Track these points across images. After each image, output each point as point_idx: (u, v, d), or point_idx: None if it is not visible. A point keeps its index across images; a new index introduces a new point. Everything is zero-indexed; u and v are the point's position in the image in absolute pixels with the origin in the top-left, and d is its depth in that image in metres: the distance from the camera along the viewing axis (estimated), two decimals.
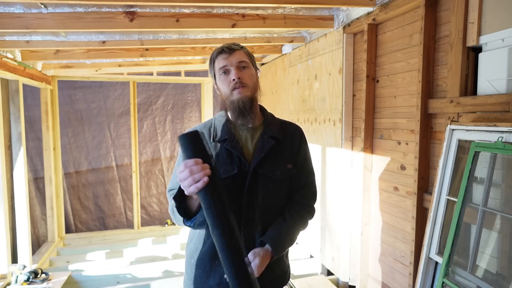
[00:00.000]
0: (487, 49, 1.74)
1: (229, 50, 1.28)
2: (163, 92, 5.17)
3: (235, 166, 1.25)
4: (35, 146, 4.59)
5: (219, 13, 2.59)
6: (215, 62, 1.30)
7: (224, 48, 1.28)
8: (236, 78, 1.25)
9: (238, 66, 1.27)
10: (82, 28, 2.39)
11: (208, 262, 1.30)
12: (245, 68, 1.29)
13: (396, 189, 2.40)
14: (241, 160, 1.26)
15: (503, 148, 1.50)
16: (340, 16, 2.81)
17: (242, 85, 1.26)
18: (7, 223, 3.16)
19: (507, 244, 1.54)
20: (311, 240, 3.57)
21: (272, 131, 1.33)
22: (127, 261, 3.86)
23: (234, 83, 1.26)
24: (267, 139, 1.30)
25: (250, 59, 1.33)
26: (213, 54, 1.32)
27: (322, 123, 3.26)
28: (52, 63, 3.88)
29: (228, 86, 1.27)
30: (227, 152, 1.27)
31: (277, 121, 1.41)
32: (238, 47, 1.30)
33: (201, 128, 1.34)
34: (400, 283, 2.38)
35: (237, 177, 1.25)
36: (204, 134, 1.09)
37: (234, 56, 1.27)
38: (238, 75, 1.26)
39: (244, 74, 1.28)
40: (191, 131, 1.00)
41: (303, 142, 1.44)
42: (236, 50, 1.29)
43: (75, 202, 4.88)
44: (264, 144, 1.29)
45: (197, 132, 0.98)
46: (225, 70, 1.28)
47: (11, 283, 3.06)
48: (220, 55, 1.28)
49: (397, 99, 2.38)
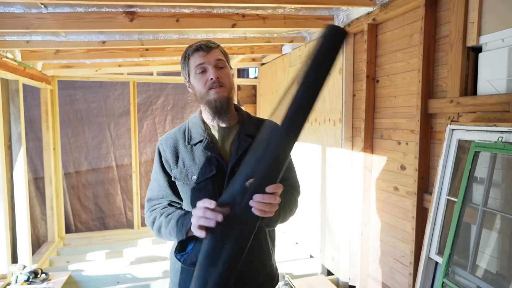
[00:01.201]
0: (487, 49, 1.74)
1: (207, 48, 1.24)
2: (163, 92, 5.17)
3: (213, 167, 1.23)
4: (35, 146, 4.58)
5: (219, 13, 2.59)
6: (190, 59, 1.26)
7: (202, 46, 1.24)
8: (215, 78, 1.22)
9: (216, 65, 1.24)
10: (82, 28, 2.39)
11: (191, 270, 1.23)
12: (223, 68, 1.26)
13: (396, 189, 2.40)
14: (218, 161, 1.24)
15: (503, 148, 1.50)
16: (340, 16, 2.81)
17: (220, 84, 1.23)
18: (7, 223, 3.16)
19: (507, 244, 1.54)
20: (311, 240, 3.57)
21: (247, 129, 1.30)
22: (127, 261, 3.85)
23: (211, 83, 1.22)
24: (243, 138, 1.27)
25: (226, 58, 1.30)
26: (188, 51, 1.27)
27: (322, 123, 3.26)
28: (52, 63, 3.87)
29: (205, 85, 1.24)
30: (203, 154, 1.25)
31: (253, 119, 1.38)
32: (215, 45, 1.27)
33: (175, 132, 1.33)
34: (400, 283, 2.37)
35: (216, 178, 1.24)
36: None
37: (211, 55, 1.24)
38: (217, 74, 1.23)
39: (222, 74, 1.25)
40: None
41: None
42: (214, 48, 1.26)
43: (75, 202, 4.88)
44: (240, 143, 1.26)
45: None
46: (202, 68, 1.24)
47: (11, 283, 3.06)
48: (197, 53, 1.24)
49: (397, 99, 2.38)
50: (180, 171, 1.26)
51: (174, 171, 1.27)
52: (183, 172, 1.26)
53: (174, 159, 1.28)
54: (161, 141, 1.33)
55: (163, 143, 1.31)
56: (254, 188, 0.93)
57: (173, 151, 1.28)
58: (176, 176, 1.27)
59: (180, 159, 1.27)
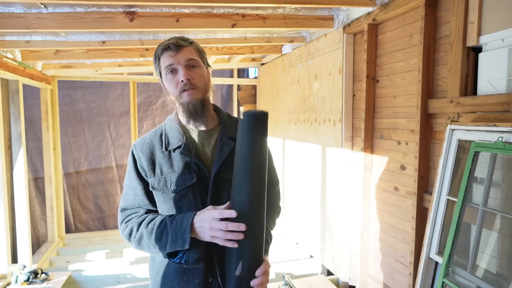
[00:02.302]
0: (487, 49, 1.74)
1: (176, 47, 1.14)
2: (163, 92, 5.15)
3: (193, 174, 1.15)
4: (35, 146, 4.59)
5: (219, 13, 2.59)
6: (161, 59, 1.17)
7: (170, 45, 1.14)
8: (185, 80, 1.13)
9: (187, 65, 1.15)
10: (82, 28, 2.39)
11: (176, 279, 1.18)
12: (195, 67, 1.17)
13: (396, 189, 2.40)
14: (199, 167, 1.16)
15: (503, 148, 1.50)
16: (340, 16, 2.81)
17: (192, 86, 1.15)
18: (7, 223, 3.16)
19: (507, 244, 1.54)
20: (311, 240, 3.57)
21: (230, 132, 1.22)
22: (127, 261, 3.85)
23: (182, 85, 1.14)
24: (226, 141, 1.19)
25: (201, 56, 1.20)
26: (157, 50, 1.17)
27: (322, 123, 3.26)
28: (52, 63, 3.88)
29: (176, 87, 1.15)
30: (182, 160, 1.16)
31: (234, 121, 1.29)
32: (186, 43, 1.17)
33: (150, 137, 1.23)
34: (400, 283, 2.37)
35: (197, 186, 1.15)
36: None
37: (182, 54, 1.14)
38: (187, 75, 1.14)
39: (194, 74, 1.16)
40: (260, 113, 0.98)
41: None
42: (184, 47, 1.15)
43: (75, 202, 4.88)
44: (223, 147, 1.18)
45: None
46: (172, 69, 1.15)
47: (11, 283, 3.06)
48: (166, 52, 1.15)
49: (397, 99, 2.38)
50: (158, 180, 1.17)
51: (151, 179, 1.18)
52: (161, 181, 1.17)
53: (151, 166, 1.18)
54: (135, 146, 1.22)
55: (137, 149, 1.21)
56: (247, 277, 1.05)
57: (149, 158, 1.19)
58: (154, 186, 1.18)
59: (157, 167, 1.18)
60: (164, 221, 1.12)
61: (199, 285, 1.15)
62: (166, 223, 1.11)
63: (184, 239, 1.06)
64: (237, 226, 1.01)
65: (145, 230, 1.13)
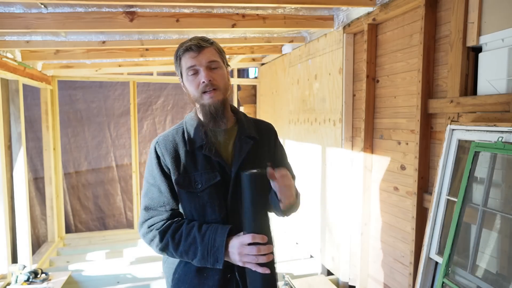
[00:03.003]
0: (487, 49, 1.74)
1: (198, 48, 1.15)
2: (163, 92, 5.17)
3: (216, 173, 1.18)
4: (35, 146, 4.58)
5: (219, 13, 2.59)
6: (182, 60, 1.19)
7: (192, 46, 1.16)
8: (207, 81, 1.15)
9: (208, 66, 1.16)
10: (82, 28, 2.39)
11: (196, 276, 1.20)
12: (216, 68, 1.18)
13: (396, 189, 2.40)
14: (221, 166, 1.19)
15: (503, 148, 1.50)
16: (340, 16, 2.81)
17: (213, 87, 1.16)
18: (7, 223, 3.16)
19: (507, 244, 1.54)
20: (311, 240, 3.57)
21: (247, 131, 1.26)
22: (127, 261, 3.85)
23: (204, 86, 1.15)
24: (244, 140, 1.23)
25: (221, 56, 1.22)
26: (179, 51, 1.19)
27: (322, 123, 3.26)
28: (52, 63, 3.88)
29: (197, 88, 1.17)
30: (205, 159, 1.19)
31: (251, 120, 1.34)
32: (208, 44, 1.18)
33: (173, 134, 1.24)
34: (400, 283, 2.37)
35: (220, 184, 1.19)
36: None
37: (203, 55, 1.16)
38: (209, 77, 1.15)
39: (215, 75, 1.17)
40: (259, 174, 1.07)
41: (277, 139, 1.39)
42: (206, 48, 1.17)
43: (75, 202, 4.88)
44: (242, 145, 1.22)
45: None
46: (193, 70, 1.17)
47: (11, 283, 3.06)
48: (188, 53, 1.16)
49: (397, 99, 2.38)
50: (182, 178, 1.19)
51: (175, 177, 1.20)
52: (186, 179, 1.19)
53: (175, 165, 1.20)
54: (159, 144, 1.23)
55: (161, 146, 1.22)
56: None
57: (174, 156, 1.20)
58: (179, 183, 1.19)
59: (182, 165, 1.20)
60: (193, 235, 1.14)
61: (218, 281, 1.19)
62: (195, 237, 1.14)
63: (217, 258, 1.11)
64: (268, 249, 1.07)
65: (171, 241, 1.16)
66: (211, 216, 1.20)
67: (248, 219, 1.09)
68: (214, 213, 1.19)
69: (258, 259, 1.06)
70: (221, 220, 1.19)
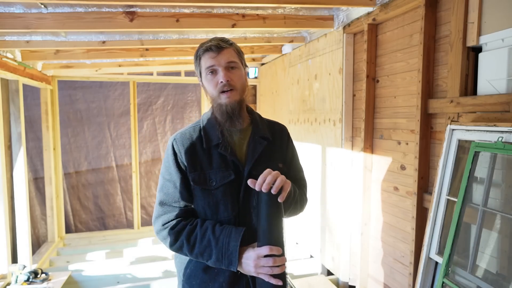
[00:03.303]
0: (487, 49, 1.74)
1: (218, 48, 1.19)
2: (163, 92, 5.17)
3: (230, 171, 1.22)
4: (35, 146, 4.58)
5: (219, 13, 2.59)
6: (202, 60, 1.22)
7: (212, 47, 1.19)
8: (225, 81, 1.18)
9: (226, 67, 1.19)
10: (82, 28, 2.39)
11: (208, 271, 1.24)
12: (234, 69, 1.21)
13: (396, 189, 2.40)
14: (235, 164, 1.23)
15: (503, 148, 1.50)
16: (340, 16, 2.81)
17: (231, 87, 1.20)
18: (7, 223, 3.16)
19: (507, 244, 1.54)
20: (311, 240, 3.57)
21: (261, 132, 1.29)
22: (127, 261, 3.85)
23: (222, 86, 1.19)
24: (258, 140, 1.27)
25: (239, 57, 1.25)
26: (199, 51, 1.22)
27: (322, 123, 3.26)
28: (52, 63, 3.88)
29: (216, 87, 1.21)
30: (221, 157, 1.23)
31: (265, 121, 1.37)
32: (227, 45, 1.21)
33: (190, 132, 1.28)
34: (400, 283, 2.37)
35: (233, 182, 1.22)
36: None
37: (222, 56, 1.19)
38: (227, 77, 1.19)
39: (233, 76, 1.20)
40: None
41: (290, 141, 1.41)
42: (225, 48, 1.20)
43: (75, 202, 4.88)
44: (256, 145, 1.26)
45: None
46: (212, 70, 1.20)
47: (11, 283, 3.06)
48: (207, 53, 1.20)
49: (397, 99, 2.38)
50: (198, 175, 1.22)
51: (191, 174, 1.23)
52: (201, 176, 1.22)
53: (191, 162, 1.23)
54: (176, 141, 1.26)
55: (178, 143, 1.25)
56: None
57: (190, 153, 1.24)
58: (195, 180, 1.23)
59: (198, 162, 1.23)
60: (207, 238, 1.17)
61: (229, 277, 1.22)
62: (210, 240, 1.17)
63: (231, 261, 1.14)
64: (282, 261, 1.11)
65: (186, 243, 1.19)
66: (224, 214, 1.22)
67: (264, 232, 1.12)
68: (227, 210, 1.22)
69: (273, 270, 1.10)
70: (233, 218, 1.22)
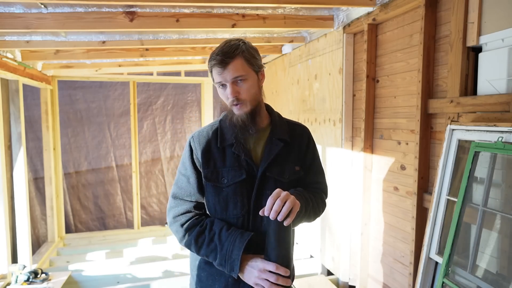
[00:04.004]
0: (487, 49, 1.74)
1: (223, 64, 1.17)
2: (163, 92, 5.17)
3: (243, 171, 1.24)
4: (35, 146, 4.59)
5: (219, 13, 2.59)
6: (212, 73, 1.24)
7: (217, 65, 1.18)
8: (232, 97, 1.20)
9: (234, 82, 1.19)
10: (82, 28, 2.39)
11: (214, 266, 1.26)
12: (242, 81, 1.20)
13: (396, 189, 2.40)
14: (249, 164, 1.25)
15: (503, 148, 1.50)
16: (340, 16, 2.81)
17: (239, 102, 1.21)
18: (7, 223, 3.16)
19: (507, 244, 1.54)
20: (311, 240, 3.57)
21: (279, 133, 1.30)
22: (127, 261, 3.85)
23: (231, 101, 1.21)
24: (275, 142, 1.28)
25: (249, 64, 1.21)
26: (210, 63, 1.22)
27: (322, 123, 3.26)
28: (52, 63, 3.88)
29: (227, 100, 1.24)
30: (234, 157, 1.25)
31: (285, 122, 1.37)
32: (232, 58, 1.17)
33: (207, 131, 1.32)
34: (400, 283, 2.38)
35: (245, 182, 1.24)
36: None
37: (228, 71, 1.18)
38: (235, 93, 1.20)
39: (241, 89, 1.21)
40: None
41: (310, 144, 1.39)
42: (230, 63, 1.17)
43: (75, 202, 4.88)
44: (272, 147, 1.27)
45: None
46: (221, 84, 1.22)
47: (11, 283, 3.06)
48: (214, 69, 1.20)
49: (397, 99, 2.38)
50: (211, 172, 1.26)
51: (204, 171, 1.27)
52: (213, 174, 1.26)
53: (206, 159, 1.27)
54: (194, 138, 1.32)
55: (195, 141, 1.30)
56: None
57: (205, 151, 1.28)
58: (207, 177, 1.27)
59: (212, 160, 1.27)
60: (214, 243, 1.21)
61: None
62: (216, 245, 1.21)
63: (233, 268, 1.17)
64: (286, 283, 1.12)
65: (194, 244, 1.24)
66: (233, 212, 1.26)
67: (273, 250, 1.13)
68: (236, 208, 1.25)
69: (271, 286, 1.12)
70: (242, 217, 1.25)
